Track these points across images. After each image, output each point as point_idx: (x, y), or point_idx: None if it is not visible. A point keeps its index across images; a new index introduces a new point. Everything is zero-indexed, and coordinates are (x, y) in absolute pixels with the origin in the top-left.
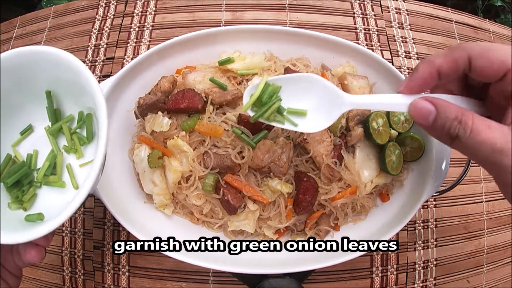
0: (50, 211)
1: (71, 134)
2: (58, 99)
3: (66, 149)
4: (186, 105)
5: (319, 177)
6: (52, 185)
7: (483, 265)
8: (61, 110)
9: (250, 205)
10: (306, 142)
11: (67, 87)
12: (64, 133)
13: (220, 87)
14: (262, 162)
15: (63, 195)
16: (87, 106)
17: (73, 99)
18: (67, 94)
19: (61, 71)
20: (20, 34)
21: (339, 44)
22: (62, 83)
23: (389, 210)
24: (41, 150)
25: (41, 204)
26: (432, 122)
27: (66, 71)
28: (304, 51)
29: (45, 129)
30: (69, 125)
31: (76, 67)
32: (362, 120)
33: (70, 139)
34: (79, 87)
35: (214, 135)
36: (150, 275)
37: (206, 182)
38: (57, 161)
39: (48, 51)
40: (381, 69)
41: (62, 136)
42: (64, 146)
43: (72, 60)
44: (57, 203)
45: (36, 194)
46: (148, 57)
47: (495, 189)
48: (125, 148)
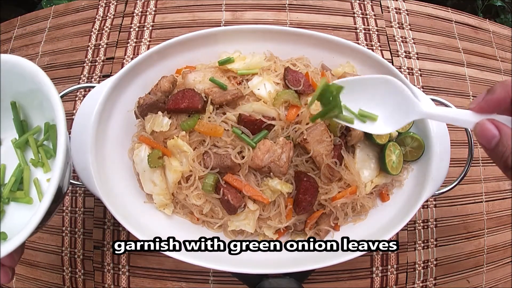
0: (19, 229)
1: (37, 146)
2: (25, 110)
3: (33, 162)
4: (186, 105)
5: (319, 177)
6: (19, 201)
7: (483, 265)
8: (28, 121)
9: (250, 205)
10: (306, 142)
11: (32, 97)
12: (31, 145)
13: (220, 87)
14: (262, 162)
15: (31, 211)
16: (52, 117)
17: (39, 109)
18: (33, 105)
19: (23, 80)
20: (20, 34)
21: (339, 44)
22: (27, 93)
23: (389, 210)
24: (9, 164)
25: (9, 221)
26: (494, 146)
27: (29, 81)
28: (304, 51)
29: (12, 141)
30: (36, 137)
31: (36, 75)
32: None
33: (37, 152)
34: (42, 96)
35: (214, 135)
36: (150, 275)
37: (206, 182)
38: (24, 175)
39: (10, 60)
40: (381, 69)
41: (30, 149)
42: (31, 159)
43: (33, 68)
44: (25, 220)
45: (4, 211)
46: (148, 57)
47: (495, 189)
48: (125, 148)
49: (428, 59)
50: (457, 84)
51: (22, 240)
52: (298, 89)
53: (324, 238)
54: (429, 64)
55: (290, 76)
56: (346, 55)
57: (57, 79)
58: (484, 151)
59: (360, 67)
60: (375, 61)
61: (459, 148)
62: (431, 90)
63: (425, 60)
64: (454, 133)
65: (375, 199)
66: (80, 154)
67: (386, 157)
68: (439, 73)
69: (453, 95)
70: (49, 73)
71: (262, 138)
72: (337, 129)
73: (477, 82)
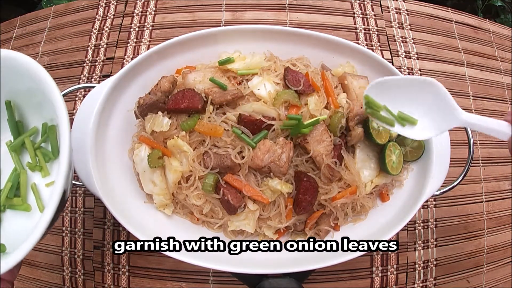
0: (16, 239)
1: (35, 149)
2: (20, 110)
3: (30, 166)
4: (186, 105)
5: (319, 177)
6: (16, 209)
7: (483, 265)
8: (24, 122)
9: (250, 205)
10: (306, 142)
11: (30, 96)
12: (27, 148)
13: (220, 87)
14: (262, 162)
15: (29, 219)
16: (51, 117)
17: (37, 109)
18: (30, 104)
19: (21, 78)
20: (20, 34)
21: (339, 44)
22: (24, 91)
23: (389, 210)
24: (3, 168)
25: (6, 230)
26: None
27: (28, 78)
28: (304, 51)
29: (6, 144)
30: (33, 139)
31: (36, 72)
32: (362, 120)
33: (34, 155)
34: (41, 95)
35: (214, 135)
36: (150, 275)
37: (206, 182)
38: (20, 181)
39: (8, 55)
40: (381, 69)
41: (26, 152)
42: (28, 163)
43: (32, 65)
44: (23, 229)
45: (0, 219)
46: (148, 57)
47: (495, 189)
48: (125, 148)
49: (428, 59)
50: (457, 84)
51: (23, 255)
52: (298, 89)
53: (324, 238)
54: (429, 64)
55: (290, 76)
56: (346, 55)
57: (57, 79)
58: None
59: (360, 67)
60: (375, 61)
61: (459, 148)
62: None
63: (425, 60)
64: (454, 133)
65: (375, 199)
66: (80, 154)
67: (386, 157)
68: (439, 73)
69: (453, 95)
70: (49, 73)
71: (262, 138)
72: (337, 129)
73: (477, 82)
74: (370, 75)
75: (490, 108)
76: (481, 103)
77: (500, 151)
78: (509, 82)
